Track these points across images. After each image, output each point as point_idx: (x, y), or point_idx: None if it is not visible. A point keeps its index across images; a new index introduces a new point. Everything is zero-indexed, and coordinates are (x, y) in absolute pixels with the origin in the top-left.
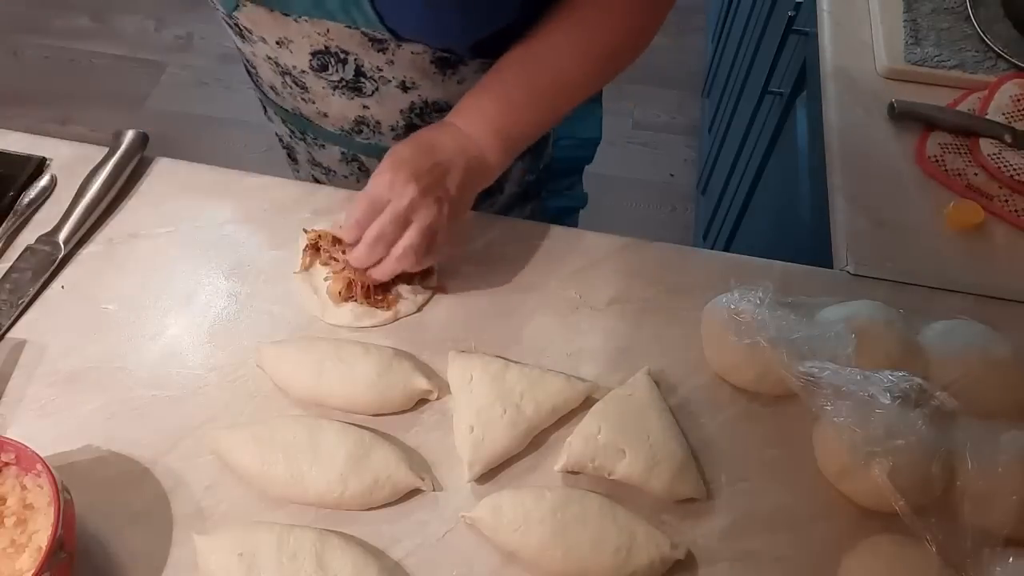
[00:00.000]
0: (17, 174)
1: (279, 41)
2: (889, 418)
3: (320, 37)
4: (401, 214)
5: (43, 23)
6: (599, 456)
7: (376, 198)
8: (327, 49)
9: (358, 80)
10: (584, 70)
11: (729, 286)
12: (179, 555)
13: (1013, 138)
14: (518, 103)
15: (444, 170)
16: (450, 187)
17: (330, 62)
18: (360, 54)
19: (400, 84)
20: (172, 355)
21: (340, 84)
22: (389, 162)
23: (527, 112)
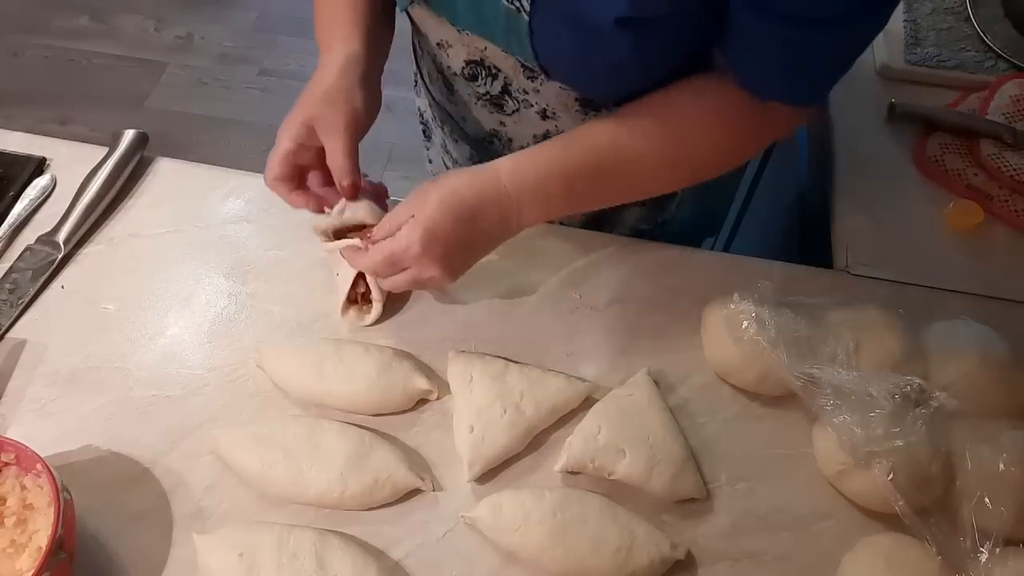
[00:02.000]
0: (17, 174)
1: (439, 43)
2: (889, 418)
3: (477, 51)
4: (420, 282)
5: (43, 23)
6: (599, 456)
7: (397, 261)
8: (481, 61)
9: (502, 97)
10: (655, 175)
11: (729, 286)
12: (179, 555)
13: (1013, 138)
14: (577, 184)
15: (474, 245)
16: (472, 260)
17: (480, 73)
18: (511, 75)
19: (541, 111)
20: (172, 355)
21: (484, 96)
22: (420, 229)
23: (582, 196)
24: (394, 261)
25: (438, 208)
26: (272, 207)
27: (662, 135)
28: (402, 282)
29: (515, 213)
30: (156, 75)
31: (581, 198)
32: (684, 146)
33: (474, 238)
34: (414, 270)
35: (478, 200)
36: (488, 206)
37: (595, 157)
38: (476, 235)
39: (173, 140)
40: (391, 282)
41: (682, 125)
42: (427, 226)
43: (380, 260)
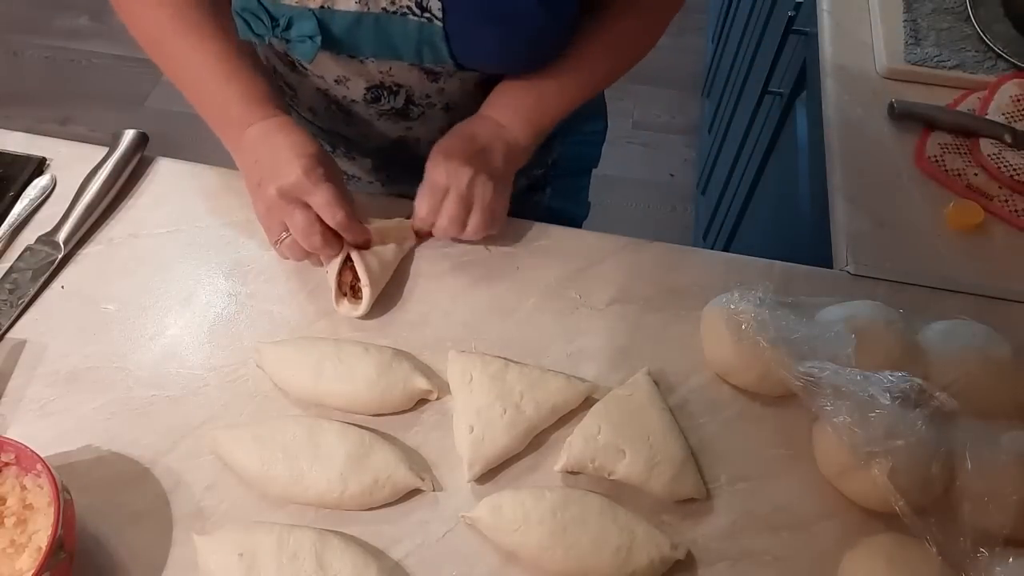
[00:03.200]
0: (17, 174)
1: (337, 79)
2: (889, 418)
3: (380, 74)
4: (464, 195)
5: (43, 23)
6: (599, 456)
7: (437, 186)
8: (382, 83)
9: (407, 108)
10: (605, 58)
11: (729, 286)
12: (179, 555)
13: (1013, 138)
14: (545, 92)
15: (488, 153)
16: (497, 164)
17: (383, 94)
18: (414, 85)
19: (444, 106)
20: (172, 355)
21: (389, 112)
22: (440, 155)
23: (553, 99)
24: (435, 189)
25: (440, 143)
26: None
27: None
28: (453, 205)
29: (499, 125)
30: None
31: (548, 97)
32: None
33: (485, 149)
34: (454, 186)
35: (467, 127)
36: (478, 127)
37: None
38: (485, 146)
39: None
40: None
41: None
42: (439, 151)
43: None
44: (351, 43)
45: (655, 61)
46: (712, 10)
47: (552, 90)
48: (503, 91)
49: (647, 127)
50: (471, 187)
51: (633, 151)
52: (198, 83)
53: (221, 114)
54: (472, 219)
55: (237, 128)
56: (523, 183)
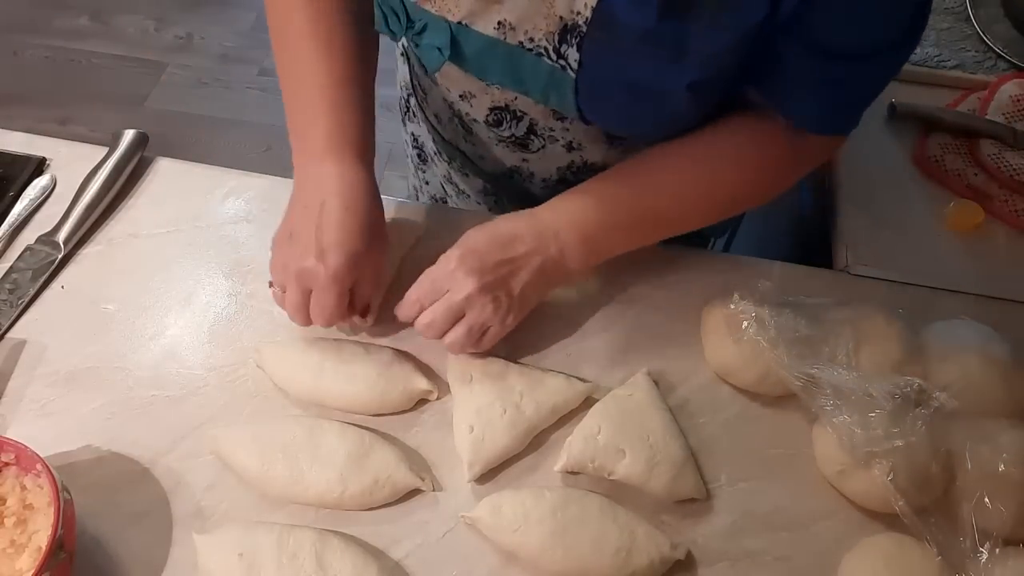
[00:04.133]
0: (17, 174)
1: (463, 95)
2: (889, 418)
3: (505, 99)
4: (455, 307)
5: (43, 23)
6: (599, 456)
7: (437, 283)
8: (506, 107)
9: (527, 137)
10: (695, 211)
11: (729, 286)
12: (179, 555)
13: (1013, 138)
14: (618, 221)
15: (513, 269)
16: (514, 288)
17: (505, 118)
18: (538, 117)
19: (567, 144)
20: (172, 355)
21: (509, 139)
22: (459, 249)
23: (623, 232)
24: (434, 283)
25: (472, 233)
26: (272, 207)
27: (699, 172)
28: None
29: (552, 235)
30: (156, 75)
31: (618, 228)
32: (722, 181)
33: (511, 262)
34: (451, 293)
35: (512, 224)
36: (523, 229)
37: (632, 182)
38: (514, 259)
39: (173, 140)
40: (428, 317)
41: (720, 162)
42: (463, 243)
43: (424, 288)
44: (479, 65)
45: None
46: None
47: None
48: (573, 194)
49: None
50: (468, 302)
51: None
52: (300, 93)
53: (300, 134)
54: (451, 334)
55: (306, 155)
56: None
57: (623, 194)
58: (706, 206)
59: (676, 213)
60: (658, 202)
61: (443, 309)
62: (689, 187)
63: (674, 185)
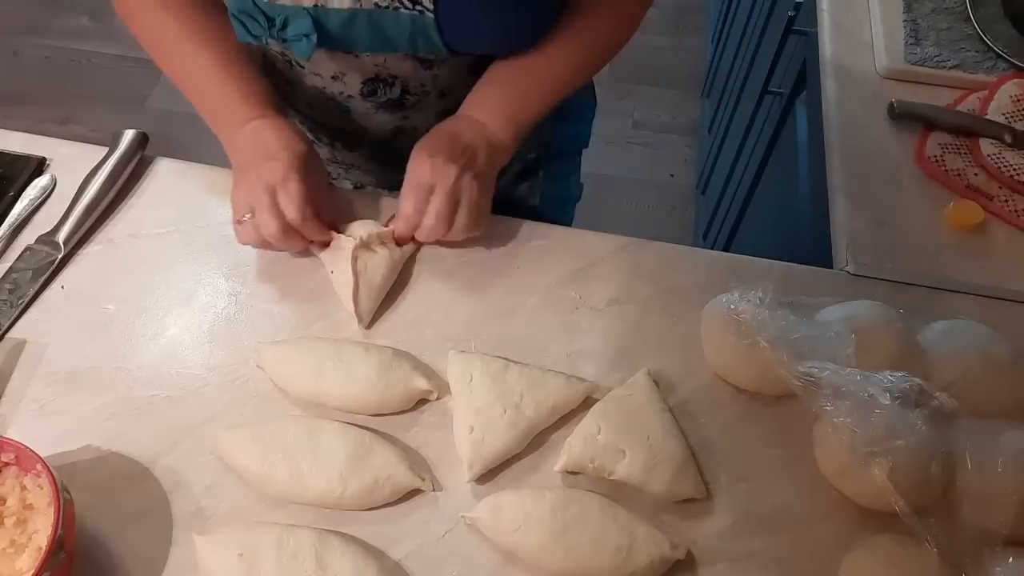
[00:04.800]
0: (17, 174)
1: (334, 76)
2: (889, 418)
3: (375, 67)
4: (450, 192)
5: (43, 23)
6: (599, 456)
7: (422, 184)
8: (377, 76)
9: (403, 98)
10: (578, 56)
11: (729, 286)
12: (179, 555)
13: (1013, 138)
14: (523, 91)
15: (472, 151)
16: (481, 164)
17: (379, 87)
18: (408, 75)
19: (439, 93)
20: (172, 355)
21: (386, 103)
22: (424, 152)
23: (531, 98)
24: (420, 187)
25: (421, 143)
26: None
27: (566, 21)
28: (441, 203)
29: (481, 124)
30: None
31: (526, 96)
32: (598, 46)
33: (468, 147)
34: (440, 184)
35: (449, 126)
36: (460, 126)
37: (533, 65)
38: (468, 145)
39: (173, 140)
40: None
41: (591, 35)
42: (422, 149)
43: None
44: (346, 39)
45: (655, 61)
46: (712, 10)
47: (530, 88)
48: (482, 91)
49: (647, 127)
50: (457, 184)
51: (633, 151)
52: (199, 84)
53: (219, 113)
54: (459, 217)
55: (233, 127)
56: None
57: (521, 71)
58: (585, 53)
59: (565, 67)
60: (550, 65)
61: (442, 200)
62: (567, 41)
63: (560, 48)
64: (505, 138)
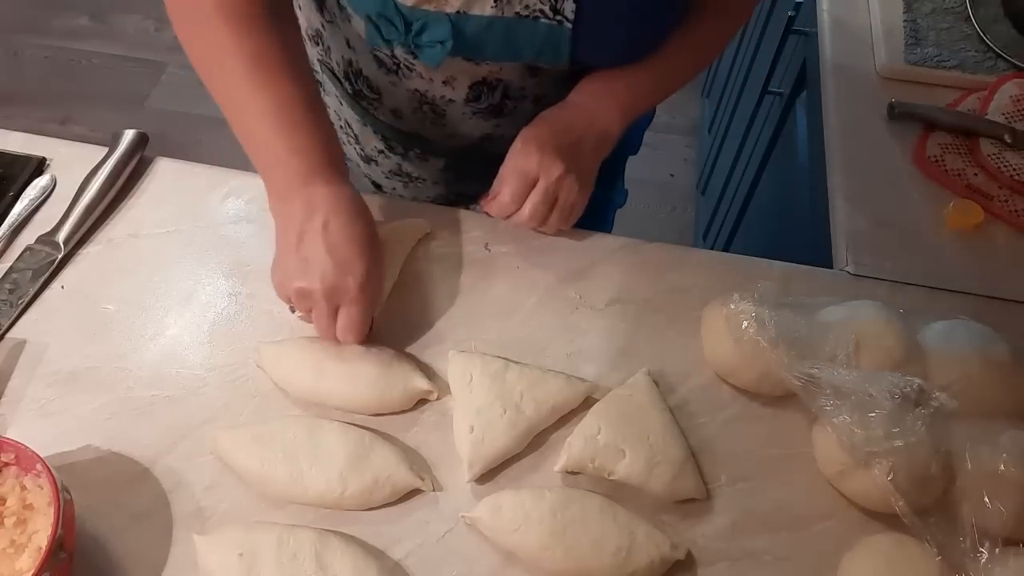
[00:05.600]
0: (17, 174)
1: (445, 80)
2: (889, 418)
3: (487, 71)
4: (552, 189)
5: (43, 23)
6: (599, 456)
7: (527, 175)
8: (484, 80)
9: (502, 103)
10: (686, 56)
11: (729, 286)
12: (179, 555)
13: (1013, 138)
14: (638, 82)
15: (580, 147)
16: (587, 161)
17: (483, 92)
18: (512, 79)
19: (534, 99)
20: (172, 355)
21: (485, 109)
22: (534, 142)
23: (645, 89)
24: (524, 176)
25: (529, 130)
26: None
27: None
28: (539, 201)
29: (594, 112)
30: (156, 75)
31: (641, 87)
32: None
33: (576, 143)
34: (543, 179)
35: (562, 113)
36: (572, 116)
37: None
38: (577, 140)
39: (173, 140)
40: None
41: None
42: (532, 137)
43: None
44: (476, 45)
45: None
46: None
47: (645, 80)
48: (595, 78)
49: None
50: (560, 183)
51: None
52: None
53: (278, 161)
54: (554, 216)
55: (296, 180)
56: None
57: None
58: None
59: (680, 66)
60: (667, 61)
61: (541, 197)
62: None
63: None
64: (615, 130)
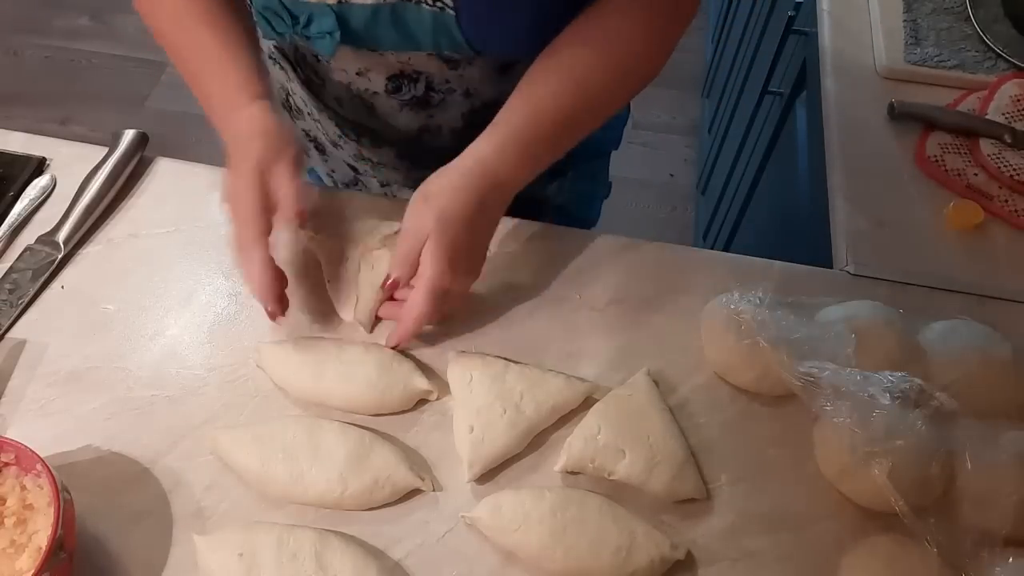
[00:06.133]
0: (17, 174)
1: (359, 71)
2: (889, 418)
3: (399, 64)
4: (436, 291)
5: (43, 23)
6: (599, 456)
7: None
8: (402, 72)
9: (427, 95)
10: (608, 80)
11: (729, 286)
12: (179, 555)
13: (1013, 138)
14: (557, 139)
15: (484, 244)
16: (481, 258)
17: (403, 83)
18: (433, 72)
19: (464, 92)
20: (172, 355)
21: (410, 101)
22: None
23: (560, 145)
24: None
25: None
26: None
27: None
28: (421, 302)
29: (511, 189)
30: (156, 75)
31: (560, 144)
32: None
33: (480, 241)
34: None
35: (480, 199)
36: (489, 197)
37: (545, 79)
38: (481, 233)
39: (173, 140)
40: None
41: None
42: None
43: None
44: (370, 36)
45: None
46: (712, 10)
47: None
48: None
49: (647, 127)
50: (448, 289)
51: (633, 151)
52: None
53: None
54: (428, 315)
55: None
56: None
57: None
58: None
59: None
60: (582, 100)
61: (423, 298)
62: (594, 60)
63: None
64: (520, 186)
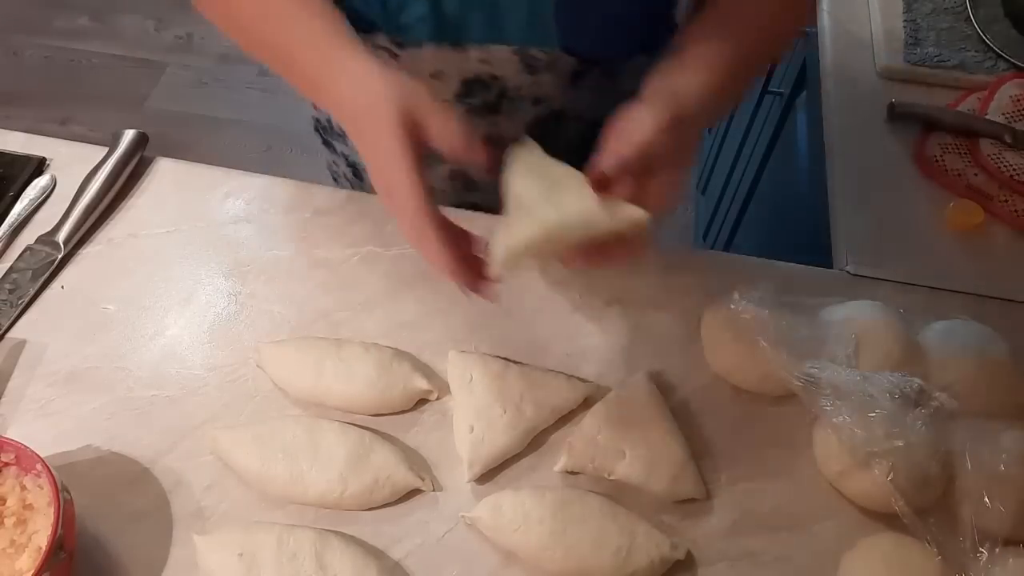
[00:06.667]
0: (17, 174)
1: (433, 74)
2: (889, 418)
3: (479, 64)
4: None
5: (43, 23)
6: (599, 456)
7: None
8: (477, 76)
9: (499, 101)
10: (778, 31)
11: (729, 286)
12: (179, 555)
13: (1013, 138)
14: (739, 90)
15: (694, 150)
16: (690, 163)
17: (476, 88)
18: (509, 77)
19: (533, 99)
20: (172, 355)
21: (480, 107)
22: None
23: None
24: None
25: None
26: (272, 207)
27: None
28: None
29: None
30: (156, 75)
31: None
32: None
33: (693, 142)
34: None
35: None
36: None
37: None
38: (695, 139)
39: (173, 140)
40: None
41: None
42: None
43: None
44: (460, 24)
45: None
46: None
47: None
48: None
49: None
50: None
51: None
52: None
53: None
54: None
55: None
56: None
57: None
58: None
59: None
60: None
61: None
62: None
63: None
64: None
